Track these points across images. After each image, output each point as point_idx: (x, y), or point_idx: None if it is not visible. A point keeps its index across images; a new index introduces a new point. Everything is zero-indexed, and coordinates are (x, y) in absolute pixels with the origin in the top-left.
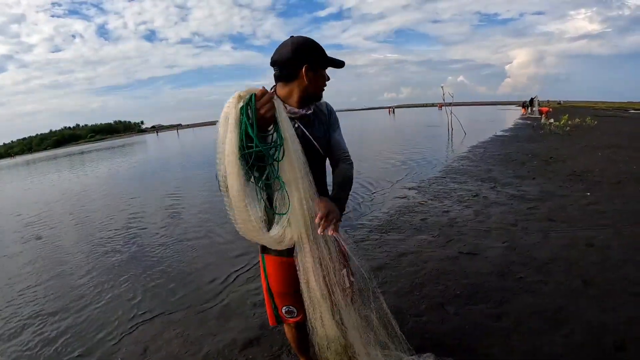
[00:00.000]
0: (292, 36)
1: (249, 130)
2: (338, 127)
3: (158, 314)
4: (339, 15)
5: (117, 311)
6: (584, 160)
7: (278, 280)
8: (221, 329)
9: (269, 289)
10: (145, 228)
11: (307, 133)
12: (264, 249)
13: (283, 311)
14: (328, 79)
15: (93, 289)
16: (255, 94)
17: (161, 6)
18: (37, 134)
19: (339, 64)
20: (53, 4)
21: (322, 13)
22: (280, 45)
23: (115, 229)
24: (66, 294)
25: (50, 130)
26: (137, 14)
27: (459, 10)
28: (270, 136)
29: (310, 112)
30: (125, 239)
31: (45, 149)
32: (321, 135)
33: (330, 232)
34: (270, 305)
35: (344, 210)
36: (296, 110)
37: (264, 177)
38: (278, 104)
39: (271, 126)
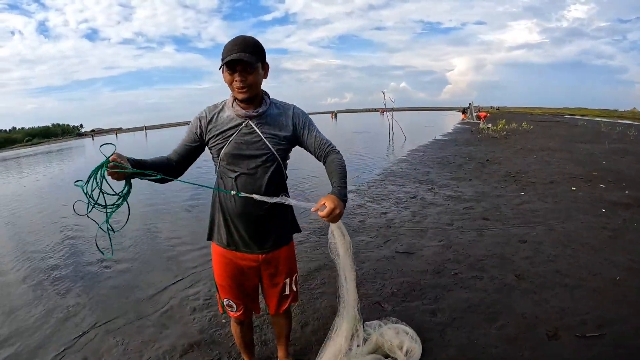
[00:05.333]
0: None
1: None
2: (313, 125)
3: (98, 324)
4: (283, 20)
5: (57, 324)
6: (518, 163)
7: (218, 270)
8: (161, 336)
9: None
10: (82, 236)
11: (257, 131)
12: (210, 236)
13: (224, 303)
14: (233, 80)
15: (29, 302)
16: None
17: (104, 4)
18: None
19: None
20: None
21: (268, 17)
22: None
23: (51, 238)
24: None
25: None
26: (79, 12)
27: (402, 18)
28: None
29: (256, 113)
30: (61, 249)
31: None
32: (275, 134)
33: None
34: (217, 294)
35: (347, 199)
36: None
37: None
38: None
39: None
